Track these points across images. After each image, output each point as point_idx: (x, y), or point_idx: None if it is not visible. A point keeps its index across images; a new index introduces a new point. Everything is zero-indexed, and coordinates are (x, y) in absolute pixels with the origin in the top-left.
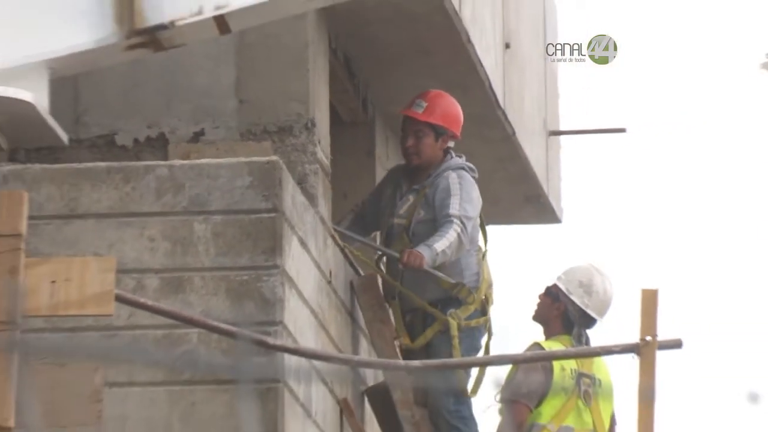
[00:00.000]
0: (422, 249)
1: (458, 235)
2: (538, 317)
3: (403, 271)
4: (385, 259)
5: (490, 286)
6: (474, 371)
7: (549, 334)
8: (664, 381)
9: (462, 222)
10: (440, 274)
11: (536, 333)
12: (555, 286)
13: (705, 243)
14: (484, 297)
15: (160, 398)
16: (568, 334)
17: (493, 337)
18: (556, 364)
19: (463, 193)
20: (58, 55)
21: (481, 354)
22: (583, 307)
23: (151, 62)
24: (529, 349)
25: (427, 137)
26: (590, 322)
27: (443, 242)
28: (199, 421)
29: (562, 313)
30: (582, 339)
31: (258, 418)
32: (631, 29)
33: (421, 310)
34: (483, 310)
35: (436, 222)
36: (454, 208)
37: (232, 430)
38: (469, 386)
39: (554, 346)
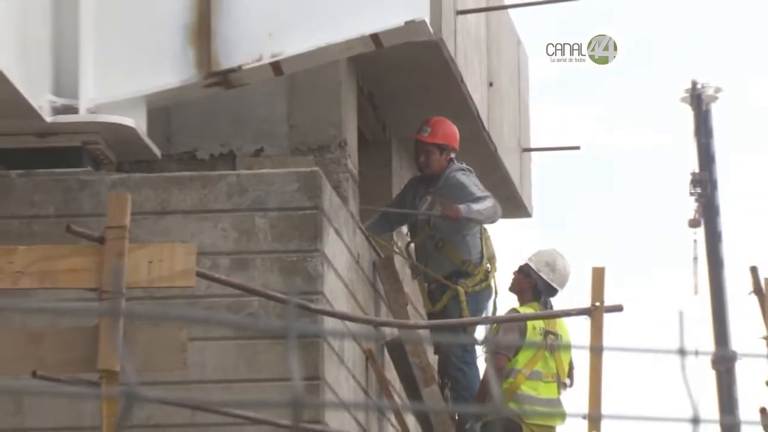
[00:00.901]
0: (461, 206)
1: (494, 204)
2: (513, 288)
3: (426, 255)
4: (412, 246)
5: (492, 257)
6: (479, 328)
7: (522, 302)
8: (610, 337)
9: (492, 198)
10: (474, 217)
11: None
12: (526, 265)
13: (634, 230)
14: (487, 267)
15: (230, 349)
16: (536, 301)
17: (498, 295)
18: (529, 324)
19: (473, 182)
20: (153, 91)
21: (489, 311)
22: (549, 281)
23: (223, 96)
24: (508, 312)
25: (433, 154)
26: (553, 292)
27: (480, 206)
28: (259, 367)
29: (532, 286)
30: (547, 305)
31: (303, 364)
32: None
33: (439, 282)
34: (486, 278)
35: (467, 198)
36: (480, 192)
37: (284, 373)
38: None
39: (527, 310)
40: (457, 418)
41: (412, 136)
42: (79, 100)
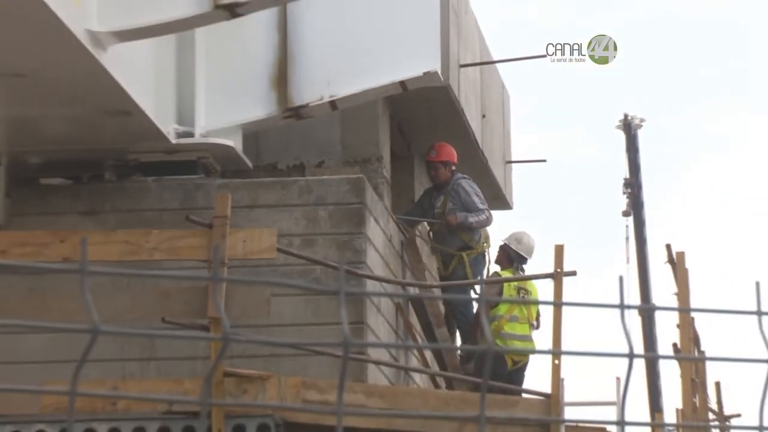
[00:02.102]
0: (459, 215)
1: (486, 217)
2: (496, 260)
3: (442, 237)
4: (431, 233)
5: (487, 238)
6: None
7: (502, 268)
8: (568, 295)
9: (488, 211)
10: (468, 225)
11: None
12: (505, 244)
13: (585, 218)
14: (484, 244)
15: (300, 303)
16: (511, 267)
17: (489, 265)
18: (505, 284)
19: (475, 191)
20: (247, 121)
21: (484, 275)
22: (518, 251)
23: (296, 125)
24: (491, 276)
25: (440, 169)
26: (523, 260)
27: (475, 218)
28: (321, 315)
29: (508, 256)
30: (519, 270)
31: (351, 313)
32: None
33: (450, 254)
34: (482, 252)
35: (464, 209)
36: (481, 204)
37: (338, 320)
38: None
39: (505, 274)
40: (459, 353)
41: (428, 152)
42: (195, 128)
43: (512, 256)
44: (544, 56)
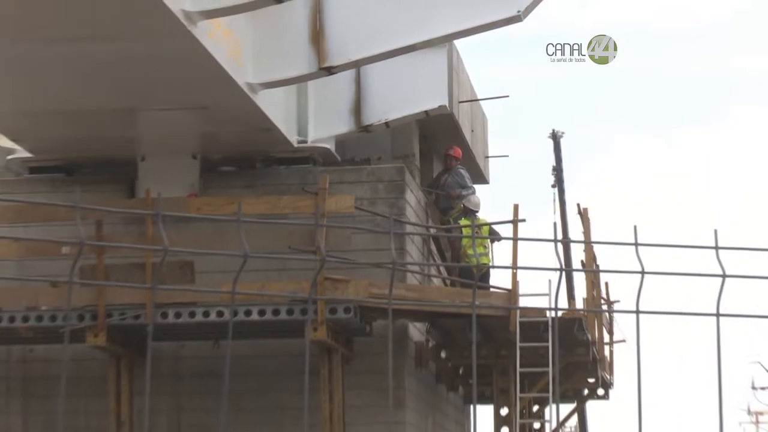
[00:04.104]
0: (457, 190)
1: (473, 192)
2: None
3: (446, 201)
4: (439, 197)
5: (477, 204)
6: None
7: (465, 217)
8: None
9: (473, 188)
10: (462, 199)
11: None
12: (463, 204)
13: (532, 190)
14: (462, 205)
15: (368, 238)
16: (468, 217)
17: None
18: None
19: (467, 176)
20: (337, 133)
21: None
22: (470, 207)
23: (365, 135)
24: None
25: (451, 160)
26: (473, 212)
27: (465, 192)
28: (380, 244)
29: (466, 210)
30: (473, 217)
31: (396, 244)
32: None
33: (447, 210)
34: (460, 209)
35: (459, 186)
36: (469, 183)
37: (390, 246)
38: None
39: (465, 221)
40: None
41: (441, 153)
42: (308, 137)
43: (468, 210)
44: (507, 96)
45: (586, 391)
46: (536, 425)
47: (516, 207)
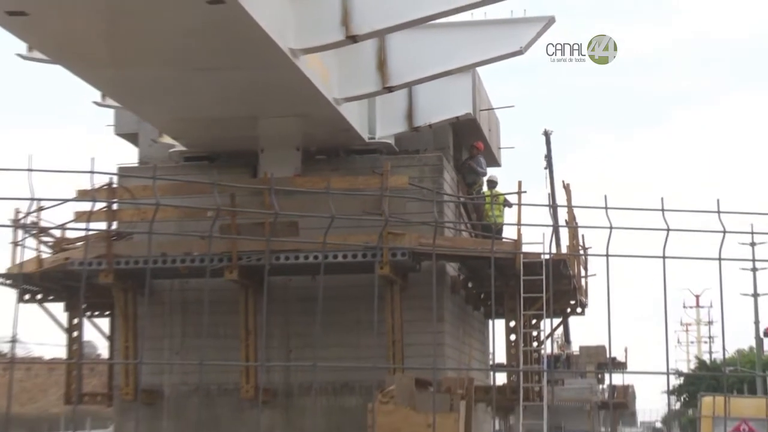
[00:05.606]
0: (479, 169)
1: (485, 169)
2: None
3: (472, 175)
4: (465, 177)
5: (495, 183)
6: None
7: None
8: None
9: (486, 169)
10: (480, 174)
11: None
12: (488, 179)
13: (531, 169)
14: (483, 179)
15: (416, 204)
16: (491, 189)
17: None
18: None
19: (484, 162)
20: (396, 132)
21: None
22: (486, 179)
23: (415, 134)
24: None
25: (475, 151)
26: (493, 185)
27: (482, 170)
28: (425, 209)
29: (491, 182)
30: (494, 188)
31: (437, 209)
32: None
33: (472, 185)
34: (481, 184)
35: (478, 166)
36: (485, 167)
37: (433, 210)
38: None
39: (488, 193)
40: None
41: (468, 145)
42: (376, 135)
43: (488, 185)
44: (513, 106)
45: (569, 310)
46: (534, 333)
47: (520, 183)
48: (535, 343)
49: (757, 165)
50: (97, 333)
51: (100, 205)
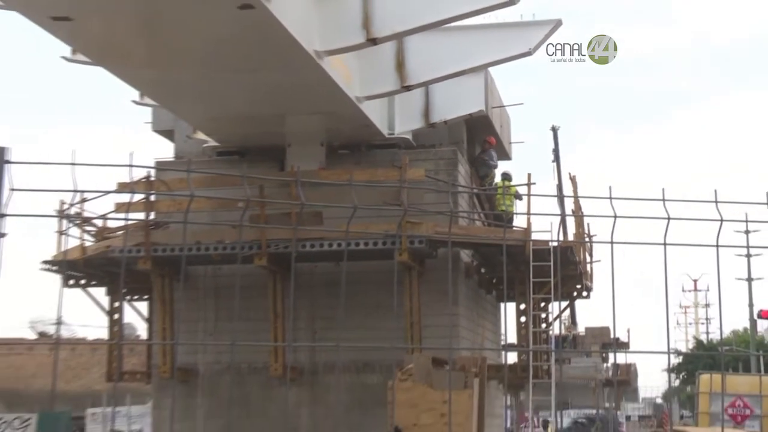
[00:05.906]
0: (491, 162)
1: (496, 165)
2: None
3: (484, 167)
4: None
5: (508, 176)
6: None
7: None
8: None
9: (497, 165)
10: (492, 167)
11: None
12: (502, 172)
13: (540, 161)
14: (493, 172)
15: (432, 194)
16: (504, 180)
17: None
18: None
19: (496, 155)
20: (413, 128)
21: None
22: (502, 173)
23: (431, 130)
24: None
25: (487, 145)
26: (508, 178)
27: (494, 163)
28: (441, 198)
29: (504, 174)
30: (507, 180)
31: (452, 199)
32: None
33: (484, 177)
34: (493, 176)
35: (490, 159)
36: (497, 160)
37: (449, 200)
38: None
39: (499, 183)
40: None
41: (481, 140)
42: (395, 130)
43: (502, 177)
44: (522, 104)
45: (575, 294)
46: (543, 315)
47: (529, 175)
48: (543, 325)
49: (752, 159)
50: (136, 316)
51: (138, 197)
